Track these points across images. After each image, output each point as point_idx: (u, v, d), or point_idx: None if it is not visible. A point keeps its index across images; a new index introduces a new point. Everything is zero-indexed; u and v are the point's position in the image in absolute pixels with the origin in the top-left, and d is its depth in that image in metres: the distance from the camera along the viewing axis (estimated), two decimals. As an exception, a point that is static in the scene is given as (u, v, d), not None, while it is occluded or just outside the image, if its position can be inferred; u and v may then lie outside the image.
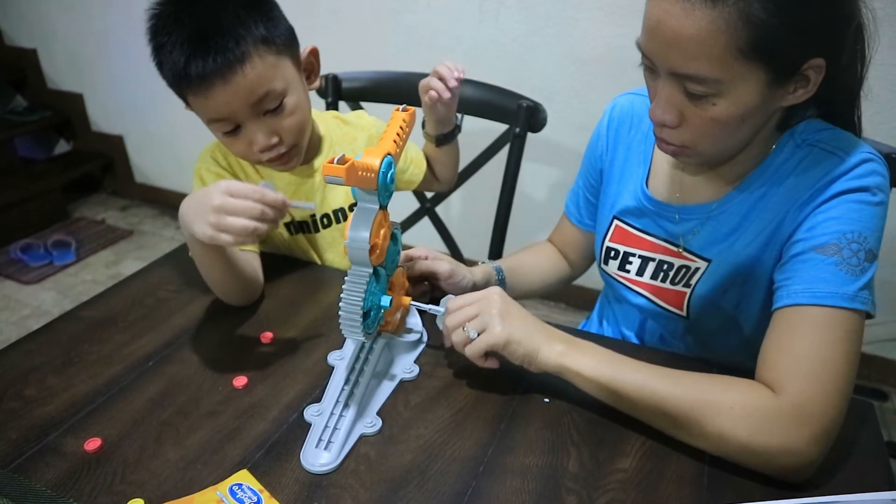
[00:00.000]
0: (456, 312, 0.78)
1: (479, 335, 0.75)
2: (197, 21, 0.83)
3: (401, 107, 0.79)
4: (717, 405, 0.67)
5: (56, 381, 0.80)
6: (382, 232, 0.75)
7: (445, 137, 1.10)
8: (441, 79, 0.99)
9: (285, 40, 0.89)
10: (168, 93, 0.89)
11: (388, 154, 0.71)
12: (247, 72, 0.84)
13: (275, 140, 0.90)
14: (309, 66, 0.97)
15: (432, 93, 1.00)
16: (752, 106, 0.68)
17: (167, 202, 2.95)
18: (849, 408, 0.76)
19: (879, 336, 1.90)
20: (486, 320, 0.75)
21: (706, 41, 0.63)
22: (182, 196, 0.83)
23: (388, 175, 0.72)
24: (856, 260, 0.69)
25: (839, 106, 0.77)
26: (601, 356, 0.74)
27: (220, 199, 0.72)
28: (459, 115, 1.12)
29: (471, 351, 0.76)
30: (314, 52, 0.97)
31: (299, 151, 0.96)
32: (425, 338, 0.88)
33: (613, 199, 0.95)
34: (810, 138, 0.76)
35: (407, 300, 0.83)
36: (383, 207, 0.73)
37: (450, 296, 0.83)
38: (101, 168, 3.05)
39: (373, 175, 0.69)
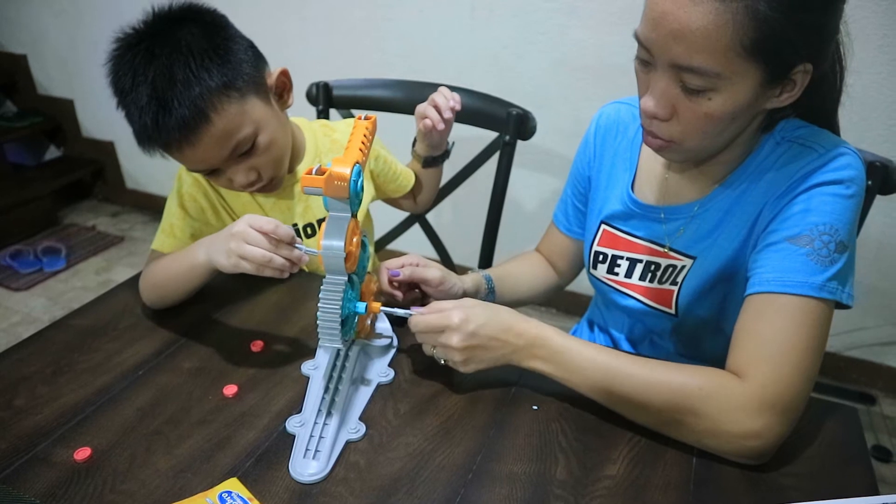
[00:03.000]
0: (420, 334, 0.79)
1: (445, 361, 0.78)
2: (152, 82, 0.80)
3: (362, 115, 0.81)
4: (685, 387, 0.70)
5: (46, 390, 0.80)
6: (355, 240, 0.76)
7: (434, 160, 1.11)
8: (437, 107, 1.00)
9: (248, 78, 0.86)
10: None
11: (357, 163, 0.72)
12: (213, 128, 0.83)
13: (253, 177, 0.91)
14: (281, 87, 0.95)
15: (427, 121, 1.01)
16: (744, 104, 0.70)
17: (158, 208, 2.92)
18: (833, 412, 0.78)
19: (866, 341, 1.92)
20: (448, 352, 0.77)
21: (712, 34, 0.64)
22: None
23: (358, 183, 0.73)
24: (826, 251, 0.71)
25: (820, 116, 0.79)
26: (570, 353, 0.75)
27: (241, 227, 0.77)
28: (451, 142, 1.13)
29: (440, 363, 0.80)
30: (285, 73, 0.95)
31: (279, 180, 0.97)
32: (396, 341, 0.89)
33: (601, 204, 0.96)
34: (789, 135, 0.78)
35: (377, 306, 0.84)
36: (354, 215, 0.74)
37: (417, 308, 0.82)
38: (92, 174, 3.04)
39: (345, 184, 0.70)
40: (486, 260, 1.44)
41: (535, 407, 0.79)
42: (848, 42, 0.74)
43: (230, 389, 0.80)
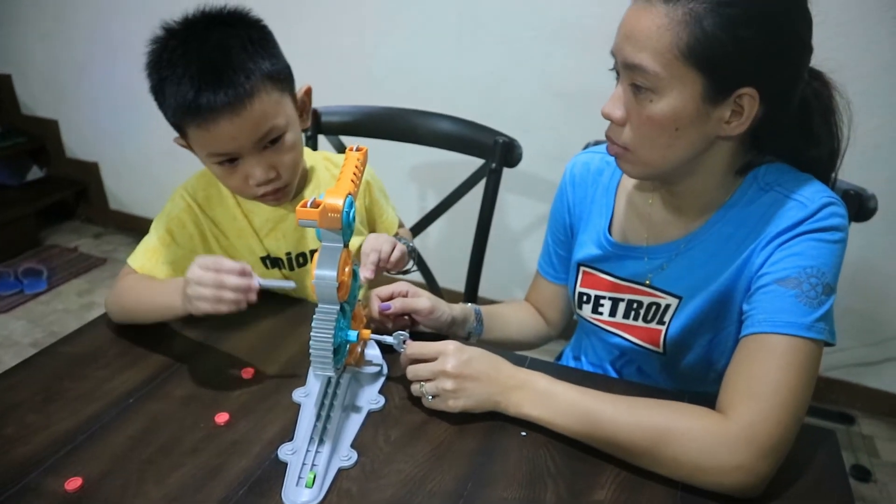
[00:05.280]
0: (412, 367, 0.81)
1: (433, 397, 0.80)
2: (207, 55, 0.84)
3: (353, 146, 0.83)
4: (670, 432, 0.71)
5: (35, 418, 0.80)
6: (347, 269, 0.78)
7: (401, 272, 1.07)
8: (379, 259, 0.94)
9: (286, 77, 0.92)
10: (145, 120, 0.91)
11: (349, 194, 0.74)
12: (255, 107, 0.86)
13: (272, 174, 0.92)
14: (302, 105, 0.98)
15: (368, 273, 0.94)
16: (686, 115, 0.73)
17: (142, 230, 2.88)
18: (814, 434, 0.80)
19: (845, 361, 1.96)
20: (440, 388, 0.79)
21: (654, 35, 0.71)
22: None
23: (350, 214, 0.75)
24: (814, 293, 0.74)
25: (811, 166, 0.83)
26: (558, 399, 0.77)
27: (191, 271, 0.79)
28: (413, 254, 1.08)
29: (427, 405, 0.81)
30: (308, 92, 0.99)
31: (292, 189, 0.98)
32: (386, 369, 0.90)
33: (578, 249, 0.99)
34: (773, 182, 0.81)
35: (367, 333, 0.85)
36: (346, 245, 0.76)
37: (401, 333, 0.84)
38: (75, 195, 3.03)
39: (337, 215, 0.72)
40: (472, 283, 1.46)
41: (523, 433, 0.80)
42: (845, 106, 0.79)
43: (222, 417, 0.80)
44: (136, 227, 2.96)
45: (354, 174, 0.77)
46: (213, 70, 0.84)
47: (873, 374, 1.97)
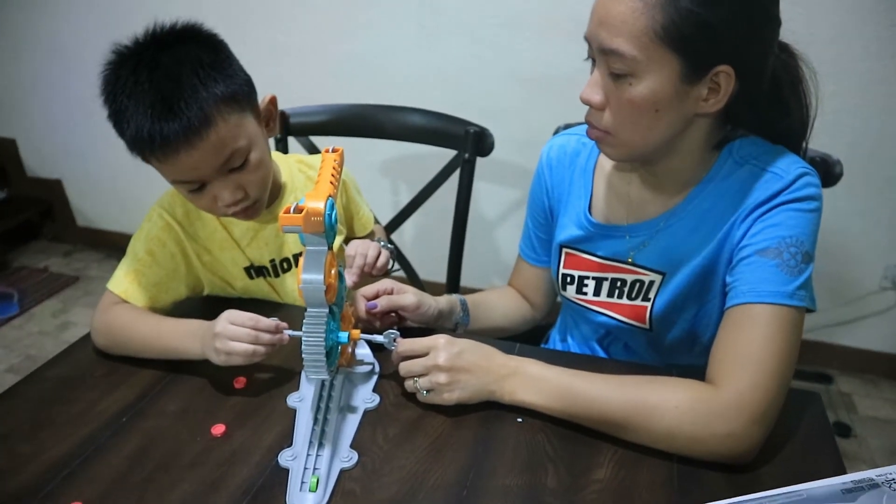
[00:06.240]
0: (404, 363, 0.82)
1: (428, 391, 0.81)
2: (157, 85, 0.82)
3: (329, 148, 0.83)
4: (661, 406, 0.74)
5: (27, 447, 0.79)
6: (333, 272, 0.78)
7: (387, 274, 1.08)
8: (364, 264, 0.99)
9: (245, 94, 0.89)
10: (106, 133, 0.88)
11: (329, 196, 0.74)
12: (212, 135, 0.84)
13: (240, 195, 0.91)
14: (268, 115, 0.96)
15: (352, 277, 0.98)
16: (665, 96, 0.75)
17: (113, 244, 2.88)
18: (799, 397, 0.82)
19: (820, 323, 2.02)
20: (434, 381, 0.80)
21: (629, 18, 0.72)
22: (130, 237, 0.96)
23: (332, 216, 0.75)
24: (794, 262, 0.76)
25: (783, 138, 0.85)
26: (551, 383, 0.79)
27: (221, 326, 0.82)
28: (392, 254, 1.08)
29: (422, 400, 0.82)
30: (273, 101, 0.97)
31: (263, 203, 0.97)
32: (378, 367, 0.91)
33: (560, 231, 1.00)
34: (748, 155, 0.83)
35: (357, 333, 0.85)
36: (330, 248, 0.76)
37: (391, 331, 0.85)
38: (40, 214, 2.95)
39: (320, 219, 0.72)
40: (454, 273, 1.47)
41: (519, 420, 0.81)
42: (811, 76, 0.81)
43: (218, 429, 0.80)
44: (105, 243, 2.91)
45: (333, 175, 0.77)
46: (165, 101, 0.81)
47: (847, 333, 2.03)
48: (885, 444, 1.82)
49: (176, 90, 0.82)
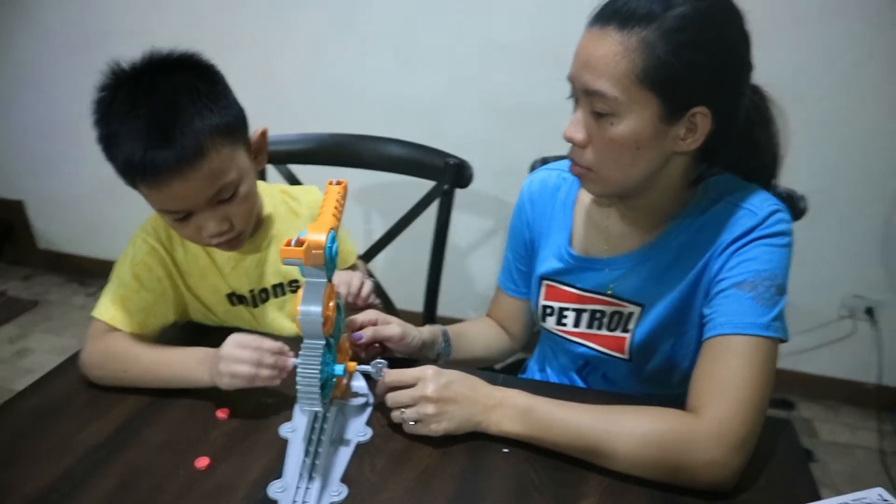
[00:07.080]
0: (392, 394, 0.83)
1: (415, 422, 0.81)
2: (155, 110, 0.81)
3: (334, 180, 0.83)
4: (648, 436, 0.76)
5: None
6: (331, 304, 0.78)
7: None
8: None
9: (238, 127, 0.90)
10: (72, 153, 0.87)
11: (332, 229, 0.74)
12: (205, 167, 0.83)
13: (225, 227, 0.91)
14: (258, 148, 0.96)
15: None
16: (645, 135, 0.78)
17: (75, 268, 2.81)
18: (772, 425, 0.85)
19: (783, 350, 2.05)
20: (422, 412, 0.80)
21: (611, 62, 0.75)
22: (93, 261, 0.92)
23: (333, 249, 0.75)
24: (768, 294, 0.80)
25: (756, 176, 0.89)
26: (537, 413, 0.80)
27: (227, 349, 0.83)
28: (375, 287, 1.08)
29: (409, 431, 0.82)
30: (264, 134, 0.97)
31: (246, 235, 0.97)
32: (372, 399, 0.91)
33: (540, 264, 1.02)
34: (723, 192, 0.87)
35: (353, 365, 0.86)
36: (329, 280, 0.76)
37: (379, 361, 0.86)
38: (0, 236, 2.88)
39: (321, 252, 0.72)
40: (430, 304, 1.47)
41: (505, 450, 0.82)
42: (779, 114, 0.86)
43: (202, 462, 0.79)
44: (67, 266, 2.83)
45: (336, 208, 0.78)
46: (162, 129, 0.81)
47: (807, 361, 2.09)
48: (846, 469, 1.87)
49: (172, 118, 0.82)
